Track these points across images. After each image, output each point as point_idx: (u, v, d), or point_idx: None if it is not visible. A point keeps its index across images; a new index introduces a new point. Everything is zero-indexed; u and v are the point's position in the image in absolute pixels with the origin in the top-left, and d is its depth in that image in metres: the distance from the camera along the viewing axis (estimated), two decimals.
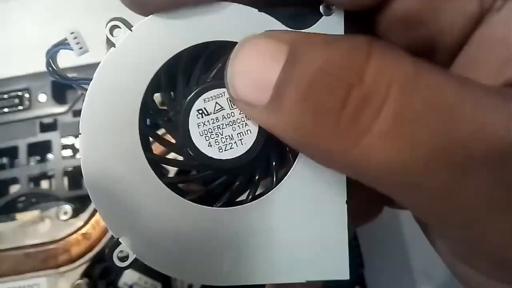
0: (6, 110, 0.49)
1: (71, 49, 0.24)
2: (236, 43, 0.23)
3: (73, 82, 0.25)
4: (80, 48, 0.24)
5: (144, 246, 0.24)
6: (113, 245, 0.24)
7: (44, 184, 0.49)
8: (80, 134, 0.23)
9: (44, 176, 0.49)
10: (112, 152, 0.23)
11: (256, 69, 0.20)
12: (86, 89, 0.24)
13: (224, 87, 0.23)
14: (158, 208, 0.24)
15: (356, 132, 0.19)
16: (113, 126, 0.23)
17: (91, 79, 0.23)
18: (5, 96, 0.49)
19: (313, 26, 0.23)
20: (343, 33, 0.24)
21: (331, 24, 0.24)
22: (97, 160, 0.23)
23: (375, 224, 0.33)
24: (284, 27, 0.23)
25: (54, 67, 0.24)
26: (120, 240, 0.24)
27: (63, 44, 0.24)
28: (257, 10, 0.23)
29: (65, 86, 0.48)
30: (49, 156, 0.49)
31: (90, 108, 0.23)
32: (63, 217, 0.43)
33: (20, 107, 0.49)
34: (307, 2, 0.23)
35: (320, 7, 0.23)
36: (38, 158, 0.49)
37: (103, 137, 0.23)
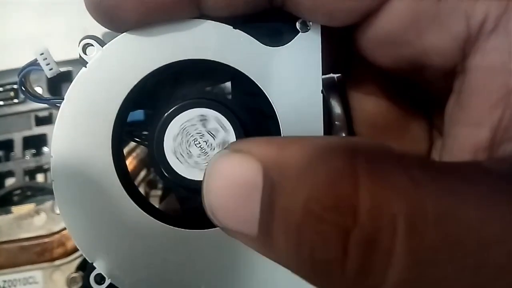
0: (1, 103, 0.48)
1: (42, 69, 0.23)
2: (211, 61, 0.22)
3: (45, 102, 0.25)
4: (50, 69, 0.23)
5: (118, 271, 0.23)
6: (89, 268, 0.23)
7: (40, 177, 0.49)
8: (52, 156, 0.23)
9: (40, 169, 0.49)
10: (85, 174, 0.23)
11: (233, 201, 0.17)
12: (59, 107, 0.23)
13: (194, 107, 0.23)
14: (132, 230, 0.23)
15: (369, 285, 0.16)
16: (85, 148, 0.23)
17: (63, 99, 0.23)
18: (0, 89, 0.49)
19: (289, 43, 0.23)
20: (319, 50, 0.23)
21: (308, 40, 0.23)
22: (69, 182, 0.23)
23: None
24: (260, 44, 0.23)
25: (27, 87, 0.24)
26: (94, 264, 0.23)
27: (34, 64, 0.23)
28: (232, 27, 0.23)
29: (60, 79, 0.48)
30: (45, 149, 0.49)
31: (62, 129, 0.23)
32: (59, 211, 0.43)
33: (16, 100, 0.48)
34: (283, 18, 0.23)
35: (297, 23, 0.23)
36: (33, 151, 0.49)
37: (75, 160, 0.23)
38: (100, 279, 0.23)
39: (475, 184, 0.17)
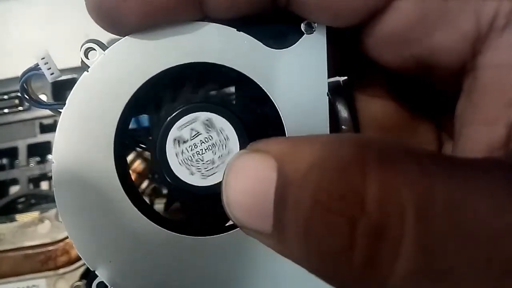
0: (6, 110, 0.48)
1: (43, 74, 0.23)
2: (214, 64, 0.22)
3: (47, 107, 0.24)
4: (52, 74, 0.23)
5: (121, 279, 0.23)
6: (91, 276, 0.23)
7: (44, 185, 0.49)
8: (53, 162, 0.23)
9: (44, 177, 0.49)
10: (86, 180, 0.23)
11: (250, 198, 0.18)
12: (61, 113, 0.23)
13: (197, 111, 0.23)
14: (135, 237, 0.23)
15: (377, 276, 0.16)
16: (87, 153, 0.23)
17: (65, 104, 0.23)
18: (5, 97, 0.49)
19: (294, 45, 0.23)
20: (325, 52, 0.23)
21: (312, 42, 0.23)
22: (71, 189, 0.23)
23: None
24: (264, 47, 0.23)
25: (28, 92, 0.24)
26: (96, 272, 0.23)
27: (35, 69, 0.23)
28: (235, 29, 0.23)
29: (65, 86, 0.48)
30: (49, 157, 0.49)
31: (64, 134, 0.23)
32: (60, 218, 0.43)
33: (20, 108, 0.48)
34: (288, 20, 0.23)
35: (301, 25, 0.23)
36: (38, 159, 0.49)
37: (77, 166, 0.23)
38: (102, 287, 0.23)
39: (489, 173, 0.16)
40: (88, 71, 0.23)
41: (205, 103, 0.24)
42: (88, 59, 0.23)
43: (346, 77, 0.29)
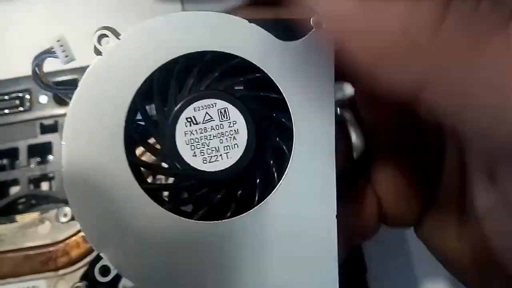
0: (6, 111, 0.48)
1: (57, 57, 0.24)
2: (226, 53, 0.23)
3: (58, 91, 0.25)
4: (66, 56, 0.24)
5: (125, 261, 0.23)
6: (95, 259, 0.23)
7: (44, 186, 0.49)
8: (63, 143, 0.23)
9: (45, 177, 0.49)
10: (95, 163, 0.23)
11: None
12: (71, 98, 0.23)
13: (217, 98, 0.23)
14: (141, 221, 0.23)
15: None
16: (97, 136, 0.23)
17: (75, 88, 0.23)
18: (6, 97, 0.49)
19: (303, 38, 0.24)
20: (333, 47, 0.23)
21: (322, 36, 0.23)
22: (79, 170, 0.23)
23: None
24: (273, 38, 0.23)
25: (40, 76, 0.25)
26: (100, 254, 0.23)
27: (49, 52, 0.24)
28: (247, 21, 0.23)
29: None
30: (50, 157, 0.49)
31: (74, 117, 0.23)
32: (63, 219, 0.43)
33: (21, 109, 0.48)
34: (298, 14, 0.23)
35: (311, 19, 0.23)
36: (38, 159, 0.49)
37: (86, 147, 0.23)
38: (105, 271, 0.23)
39: None
40: (102, 55, 0.23)
41: (214, 91, 0.24)
42: (101, 45, 0.23)
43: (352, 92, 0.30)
